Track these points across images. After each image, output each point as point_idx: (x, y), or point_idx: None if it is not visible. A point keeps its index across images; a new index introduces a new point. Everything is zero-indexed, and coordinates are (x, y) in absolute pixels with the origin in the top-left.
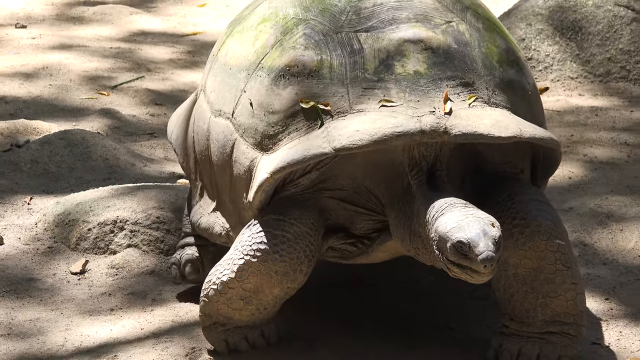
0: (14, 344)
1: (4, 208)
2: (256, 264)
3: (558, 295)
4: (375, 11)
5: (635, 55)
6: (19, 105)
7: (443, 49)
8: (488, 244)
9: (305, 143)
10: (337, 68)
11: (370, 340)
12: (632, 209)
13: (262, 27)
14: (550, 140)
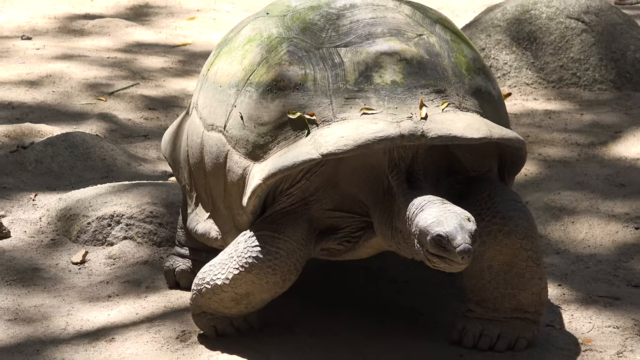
0: (20, 327)
1: (10, 204)
2: (250, 276)
3: (526, 288)
4: (353, 27)
5: (585, 63)
6: (24, 110)
7: (416, 60)
8: (465, 236)
9: (294, 150)
10: (321, 81)
11: (346, 324)
12: (582, 204)
13: (248, 46)
14: (517, 140)
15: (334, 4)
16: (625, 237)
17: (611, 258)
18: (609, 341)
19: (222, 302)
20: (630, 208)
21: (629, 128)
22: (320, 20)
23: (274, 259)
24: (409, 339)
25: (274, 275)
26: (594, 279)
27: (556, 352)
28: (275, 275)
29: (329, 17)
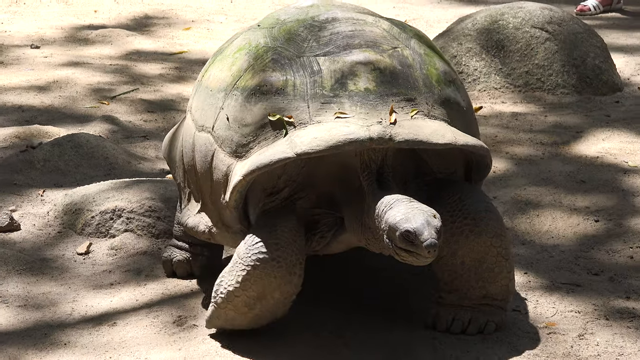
0: (29, 313)
1: (21, 199)
2: (257, 272)
3: (495, 281)
4: (332, 39)
5: (549, 69)
6: (33, 113)
7: (389, 70)
8: (431, 232)
9: (272, 149)
10: (300, 86)
11: (327, 309)
12: (546, 198)
13: (237, 54)
14: (481, 147)
15: (318, 18)
16: (586, 229)
17: (573, 248)
18: (571, 325)
19: (236, 309)
20: (590, 202)
21: (589, 129)
22: (303, 31)
23: (275, 251)
24: (387, 324)
25: (279, 267)
26: (557, 267)
27: (522, 335)
28: (280, 268)
29: (312, 29)
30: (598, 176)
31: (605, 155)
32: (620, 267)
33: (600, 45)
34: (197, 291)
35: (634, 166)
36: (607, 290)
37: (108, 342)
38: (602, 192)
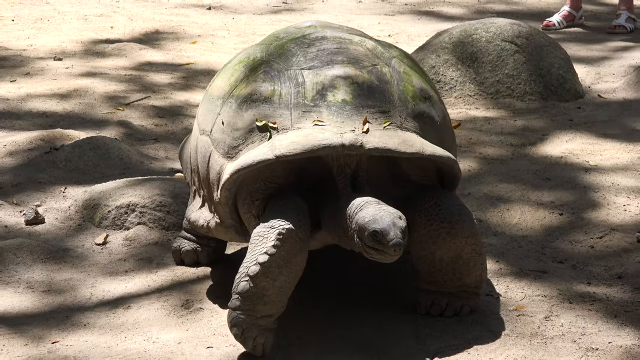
0: (53, 297)
1: (45, 195)
2: (289, 229)
3: (470, 273)
4: (318, 55)
5: (517, 79)
6: (56, 118)
7: (367, 84)
8: (397, 232)
9: (256, 152)
10: (285, 96)
11: (317, 296)
12: (515, 194)
13: (237, 67)
14: (448, 158)
15: (309, 36)
16: (551, 221)
17: (539, 239)
18: (538, 307)
19: (269, 274)
20: (555, 197)
21: (554, 131)
22: (294, 48)
23: (296, 218)
24: (374, 307)
25: (302, 231)
26: (525, 256)
27: (495, 316)
28: (303, 232)
29: (302, 45)
30: (562, 174)
31: (569, 156)
32: (582, 255)
33: (564, 56)
34: (203, 278)
35: (594, 165)
36: (571, 277)
37: (123, 323)
38: (566, 188)
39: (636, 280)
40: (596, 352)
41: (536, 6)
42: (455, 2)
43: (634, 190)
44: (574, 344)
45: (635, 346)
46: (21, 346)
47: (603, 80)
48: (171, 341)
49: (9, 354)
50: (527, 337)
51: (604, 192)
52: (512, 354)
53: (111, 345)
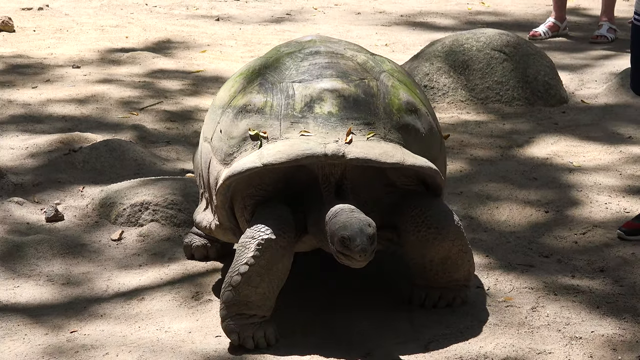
0: (71, 289)
1: (64, 194)
2: (266, 244)
3: (459, 270)
4: (310, 69)
5: (506, 85)
6: (74, 122)
7: (353, 97)
8: (363, 239)
9: (246, 160)
10: (276, 107)
11: (317, 288)
12: (503, 193)
13: (238, 78)
14: (428, 168)
15: (304, 51)
16: (538, 218)
17: (526, 235)
18: (525, 299)
19: (250, 282)
20: (541, 196)
21: (540, 134)
22: (289, 61)
23: (278, 227)
24: (369, 300)
25: (283, 239)
26: (513, 251)
27: (485, 307)
28: (284, 240)
29: (296, 59)
30: (547, 174)
31: (554, 157)
32: (567, 250)
33: (549, 64)
34: (212, 271)
35: (577, 166)
36: (556, 270)
37: (137, 314)
38: (551, 187)
39: (617, 274)
40: (580, 341)
41: (523, 17)
42: (448, 14)
43: (614, 189)
44: (559, 333)
45: (616, 335)
46: (42, 335)
47: (586, 86)
48: (182, 331)
49: (31, 342)
50: (515, 327)
51: (586, 191)
52: (501, 342)
53: (126, 334)
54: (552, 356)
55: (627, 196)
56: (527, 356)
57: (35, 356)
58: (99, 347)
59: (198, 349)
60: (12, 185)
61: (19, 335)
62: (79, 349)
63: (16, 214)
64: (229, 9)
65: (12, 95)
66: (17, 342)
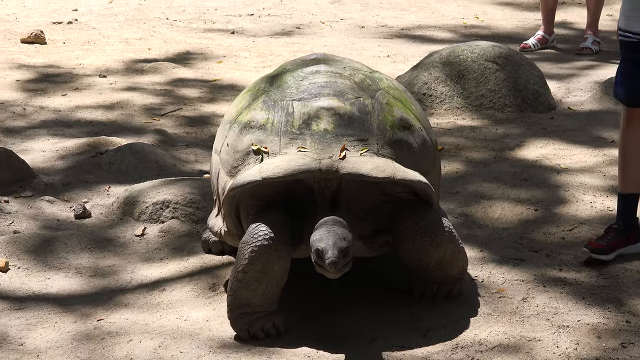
0: (98, 281)
1: (91, 193)
2: (261, 249)
3: (453, 268)
4: (309, 88)
5: (498, 93)
6: (101, 127)
7: (348, 115)
8: (335, 252)
9: (248, 172)
10: (276, 124)
11: (317, 282)
12: (496, 192)
13: (246, 95)
14: (418, 182)
15: (305, 70)
16: (528, 216)
17: (518, 231)
18: (516, 290)
19: (248, 286)
20: (531, 196)
21: (530, 138)
22: (291, 80)
23: (272, 232)
24: (372, 293)
25: (277, 243)
26: (505, 246)
27: (479, 298)
28: (278, 244)
29: (297, 78)
30: (537, 175)
31: (543, 159)
32: (555, 245)
33: (539, 74)
34: (228, 264)
35: (564, 167)
36: (544, 264)
37: (159, 304)
38: (540, 187)
39: (601, 267)
40: (567, 329)
41: (514, 31)
42: (444, 27)
43: (599, 189)
44: (548, 321)
45: (600, 324)
46: (71, 323)
47: (572, 94)
48: (200, 319)
49: (60, 329)
50: (507, 316)
51: (573, 191)
52: (494, 330)
53: (148, 322)
54: (541, 343)
55: (610, 196)
56: (518, 343)
57: (65, 342)
58: (123, 334)
59: (215, 336)
60: (44, 185)
61: (49, 323)
62: (105, 335)
63: (47, 211)
64: (243, 23)
65: (43, 102)
66: (48, 330)
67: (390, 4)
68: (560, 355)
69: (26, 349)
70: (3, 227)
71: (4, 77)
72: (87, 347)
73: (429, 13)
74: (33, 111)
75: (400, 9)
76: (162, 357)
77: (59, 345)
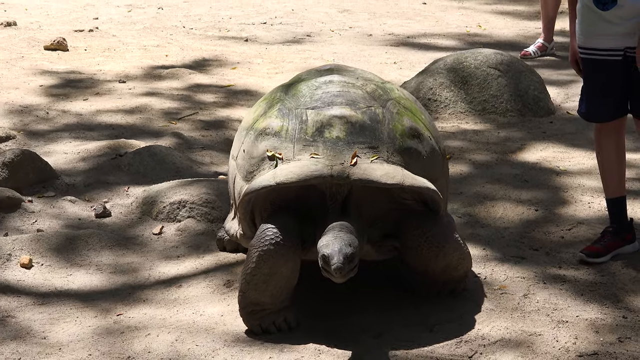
0: (118, 277)
1: (111, 194)
2: (267, 253)
3: (458, 271)
4: (322, 97)
5: (500, 98)
6: (121, 130)
7: (359, 123)
8: (340, 258)
9: (263, 177)
10: (290, 131)
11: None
12: (499, 193)
13: (262, 103)
14: (426, 189)
15: (319, 79)
16: (529, 216)
17: (519, 230)
18: (518, 287)
19: (256, 288)
20: (531, 196)
21: (531, 142)
22: (305, 90)
23: (279, 235)
24: (379, 290)
25: (284, 247)
26: (507, 244)
27: (482, 294)
28: (285, 247)
29: (311, 88)
30: (537, 177)
31: (543, 162)
32: (554, 244)
33: (539, 80)
34: (242, 262)
35: (563, 169)
36: (545, 262)
37: (176, 299)
38: (540, 188)
39: (599, 265)
40: (566, 324)
41: (515, 39)
42: (449, 35)
43: (596, 190)
44: (548, 317)
45: (598, 319)
46: (92, 317)
47: (571, 99)
48: (215, 314)
49: (82, 323)
50: (509, 311)
51: (572, 192)
52: (496, 325)
53: (166, 317)
54: (541, 337)
55: None
56: (519, 337)
57: (86, 336)
58: (142, 329)
59: (229, 331)
60: (66, 185)
61: (71, 317)
62: (124, 329)
63: (69, 211)
64: (256, 31)
65: (66, 106)
66: (69, 324)
67: (396, 13)
68: (560, 349)
69: (49, 342)
70: (27, 225)
71: (28, 82)
72: (107, 340)
73: (433, 22)
74: (56, 115)
75: (406, 18)
76: (178, 351)
77: (80, 339)
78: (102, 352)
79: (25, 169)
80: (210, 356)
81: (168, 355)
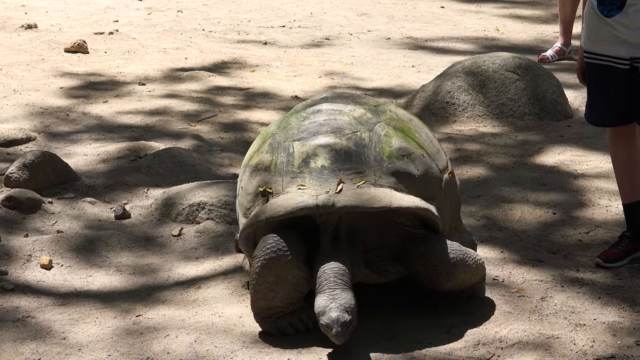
0: (137, 278)
1: (131, 195)
2: (269, 262)
3: (472, 280)
4: (309, 128)
5: (518, 102)
6: (140, 132)
7: (344, 150)
8: (338, 328)
9: (254, 214)
10: (279, 165)
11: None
12: (516, 196)
13: (258, 139)
14: (416, 208)
15: (308, 110)
16: (546, 219)
17: (537, 233)
18: (535, 290)
19: (265, 296)
20: (549, 200)
21: (548, 145)
22: (294, 121)
23: (280, 244)
24: (396, 293)
25: (286, 255)
26: (525, 247)
27: (500, 297)
28: (287, 256)
29: (300, 119)
30: (555, 180)
31: (561, 165)
32: (572, 247)
33: (557, 84)
34: None
35: (581, 173)
36: (562, 265)
37: (195, 300)
38: (558, 192)
39: (616, 269)
40: (583, 327)
41: (533, 43)
42: (467, 39)
43: (614, 194)
44: (565, 320)
45: (616, 322)
46: (111, 318)
47: None
48: (234, 315)
49: (102, 324)
50: (526, 314)
51: (589, 195)
52: (514, 327)
53: (185, 318)
54: (559, 340)
55: None
56: (537, 340)
57: (105, 337)
58: (161, 329)
59: (247, 332)
60: (86, 187)
61: (91, 318)
62: (143, 330)
63: (89, 212)
64: (275, 34)
65: (86, 108)
66: (89, 325)
67: (414, 17)
68: (577, 352)
69: (68, 342)
70: (47, 226)
71: (49, 84)
72: (127, 341)
73: (451, 25)
74: (76, 117)
75: (424, 22)
76: (197, 352)
77: (99, 339)
78: (121, 352)
79: (46, 171)
80: (229, 357)
81: (187, 356)
